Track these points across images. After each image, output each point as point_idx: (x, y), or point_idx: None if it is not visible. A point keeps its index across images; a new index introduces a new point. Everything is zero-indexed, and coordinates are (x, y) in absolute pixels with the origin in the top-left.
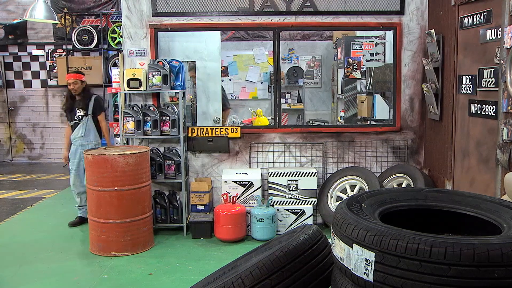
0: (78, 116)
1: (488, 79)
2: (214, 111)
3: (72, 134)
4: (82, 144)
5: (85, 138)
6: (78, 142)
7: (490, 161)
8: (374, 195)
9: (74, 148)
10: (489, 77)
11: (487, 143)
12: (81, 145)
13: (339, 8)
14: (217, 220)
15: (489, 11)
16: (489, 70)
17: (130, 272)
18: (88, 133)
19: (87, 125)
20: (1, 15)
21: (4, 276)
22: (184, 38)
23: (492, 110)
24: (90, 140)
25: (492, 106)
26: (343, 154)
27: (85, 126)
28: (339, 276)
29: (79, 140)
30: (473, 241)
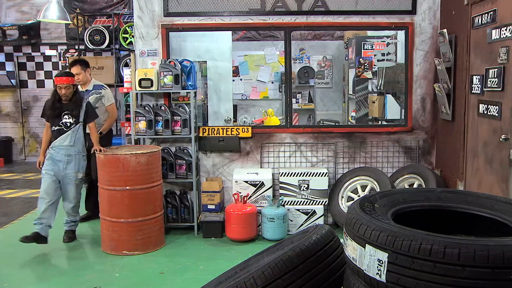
0: (66, 123)
1: (493, 79)
2: (225, 111)
3: (56, 141)
4: (68, 154)
5: (73, 148)
6: (63, 151)
7: (494, 162)
8: (386, 196)
9: (55, 155)
10: (493, 77)
11: (492, 143)
12: (67, 155)
13: (351, 8)
14: (228, 220)
15: (494, 11)
16: (494, 70)
17: (141, 271)
18: (77, 142)
19: (77, 134)
20: (16, 15)
21: (18, 274)
22: (196, 38)
23: (495, 111)
24: (78, 151)
25: (495, 107)
26: (354, 154)
27: (75, 135)
28: (351, 276)
29: (64, 149)
30: (487, 242)
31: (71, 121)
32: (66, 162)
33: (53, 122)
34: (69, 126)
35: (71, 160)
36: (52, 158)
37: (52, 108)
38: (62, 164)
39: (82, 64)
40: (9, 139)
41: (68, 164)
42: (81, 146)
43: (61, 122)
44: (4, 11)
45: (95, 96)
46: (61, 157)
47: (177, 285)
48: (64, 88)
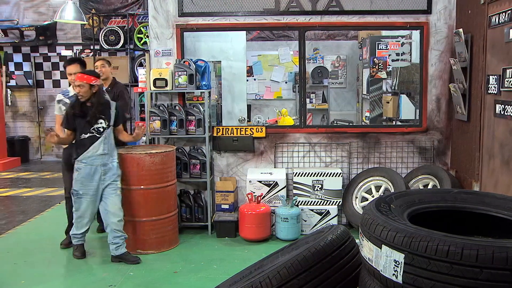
0: (99, 128)
1: (511, 79)
2: (239, 111)
3: (88, 151)
4: (104, 163)
5: (108, 156)
6: (98, 162)
7: (511, 163)
8: (402, 196)
9: (88, 170)
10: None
11: (509, 144)
12: (103, 164)
13: (365, 8)
14: (242, 220)
15: None
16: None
17: (155, 270)
18: (111, 149)
19: (109, 140)
20: (33, 16)
21: (34, 271)
22: (210, 38)
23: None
24: (114, 159)
25: None
26: (368, 155)
27: (107, 141)
28: (367, 277)
29: (99, 159)
30: (506, 244)
31: (104, 126)
32: (103, 173)
33: (83, 129)
34: (101, 132)
35: (108, 170)
36: (83, 175)
37: (80, 113)
38: (98, 176)
39: (81, 64)
40: (25, 138)
41: (106, 174)
42: (115, 152)
43: (92, 128)
44: (22, 13)
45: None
46: (96, 169)
47: (190, 284)
48: (77, 85)
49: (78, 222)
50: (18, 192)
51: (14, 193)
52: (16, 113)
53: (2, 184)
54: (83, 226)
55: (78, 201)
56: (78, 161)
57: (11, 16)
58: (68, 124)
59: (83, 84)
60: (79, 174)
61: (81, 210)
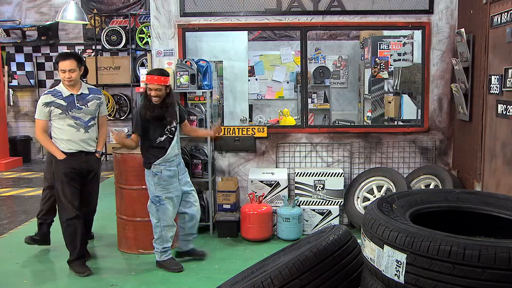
0: (171, 128)
1: None
2: (241, 111)
3: (168, 154)
4: (179, 163)
5: (179, 155)
6: (175, 163)
7: None
8: (404, 196)
9: (168, 173)
10: None
11: (511, 144)
12: (178, 164)
13: (367, 8)
14: (244, 220)
15: None
16: None
17: (157, 270)
18: (179, 146)
19: (179, 138)
20: (35, 17)
21: (36, 271)
22: (212, 38)
23: None
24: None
25: None
26: (370, 155)
27: (178, 140)
28: (369, 277)
29: (176, 160)
30: (508, 244)
31: (175, 125)
32: (180, 173)
33: (159, 132)
34: (174, 132)
35: (182, 169)
36: (165, 178)
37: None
38: (176, 177)
39: (77, 60)
40: (27, 138)
41: (182, 173)
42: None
43: (166, 130)
44: (24, 13)
45: (96, 102)
46: (174, 170)
47: (193, 284)
48: (156, 90)
49: (166, 231)
50: (20, 192)
51: (16, 193)
52: (18, 113)
53: (4, 184)
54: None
55: (162, 208)
56: (157, 165)
57: (13, 16)
58: (139, 128)
59: (161, 87)
60: (159, 178)
61: (166, 218)
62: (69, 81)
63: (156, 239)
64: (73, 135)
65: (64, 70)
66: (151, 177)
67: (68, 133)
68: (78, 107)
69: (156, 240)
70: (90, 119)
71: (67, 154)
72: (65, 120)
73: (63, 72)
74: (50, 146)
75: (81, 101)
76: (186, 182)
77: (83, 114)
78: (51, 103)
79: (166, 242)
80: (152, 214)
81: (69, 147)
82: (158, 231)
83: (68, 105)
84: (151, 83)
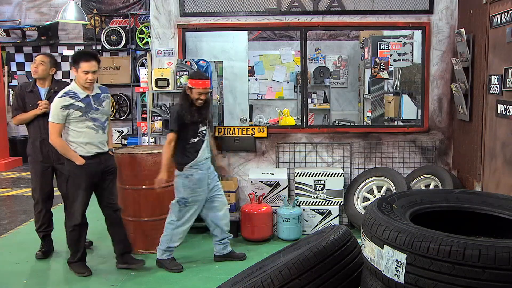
0: (203, 131)
1: None
2: (240, 111)
3: (199, 157)
4: (208, 166)
5: (209, 160)
6: (205, 166)
7: None
8: (404, 196)
9: (197, 176)
10: None
11: (511, 144)
12: (208, 168)
13: (367, 8)
14: (244, 220)
15: None
16: None
17: (157, 270)
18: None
19: (208, 142)
20: (35, 17)
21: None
22: (212, 38)
23: None
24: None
25: None
26: (370, 155)
27: (208, 144)
28: (368, 277)
29: (207, 163)
30: (508, 244)
31: (205, 128)
32: (209, 177)
33: (192, 134)
34: (205, 135)
35: (211, 172)
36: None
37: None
38: (205, 181)
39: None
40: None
41: (211, 176)
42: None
43: (199, 132)
44: (24, 13)
45: (107, 101)
46: (204, 174)
47: (192, 284)
48: (205, 93)
49: (178, 232)
50: (20, 192)
51: (16, 193)
52: None
53: (4, 184)
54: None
55: (184, 209)
56: (188, 168)
57: (13, 16)
58: (176, 126)
59: (208, 91)
60: (190, 181)
61: (185, 218)
62: (90, 83)
63: (164, 235)
64: (93, 137)
65: (87, 71)
66: (182, 179)
67: (88, 136)
68: (95, 108)
69: (164, 236)
70: (106, 119)
71: (85, 158)
72: (84, 123)
73: (86, 74)
74: (68, 151)
75: (96, 101)
76: (214, 186)
77: (100, 114)
78: (70, 105)
79: (172, 242)
80: (173, 212)
81: (88, 150)
82: (171, 228)
83: (86, 107)
84: (201, 87)
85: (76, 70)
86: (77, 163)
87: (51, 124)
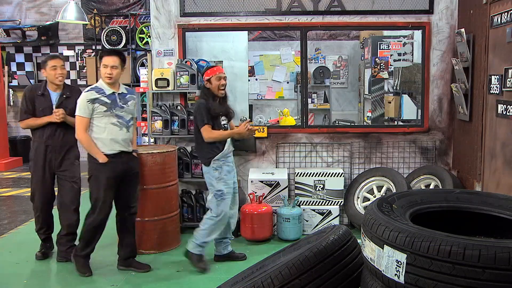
0: (225, 125)
1: None
2: (241, 111)
3: (226, 148)
4: (232, 160)
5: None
6: (231, 159)
7: None
8: (404, 196)
9: (227, 168)
10: None
11: (511, 144)
12: (232, 161)
13: (367, 8)
14: (244, 220)
15: None
16: None
17: (157, 270)
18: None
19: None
20: (35, 17)
21: (36, 272)
22: (212, 38)
23: None
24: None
25: None
26: (370, 155)
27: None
28: (369, 277)
29: (231, 156)
30: (508, 244)
31: (227, 121)
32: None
33: (217, 127)
34: (227, 128)
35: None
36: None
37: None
38: (233, 173)
39: (122, 59)
40: (27, 138)
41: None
42: None
43: (223, 125)
44: (24, 13)
45: (133, 102)
46: (231, 166)
47: (193, 284)
48: (223, 78)
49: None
50: (20, 192)
51: (16, 193)
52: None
53: (4, 184)
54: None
55: (223, 202)
56: (216, 160)
57: (13, 16)
58: (209, 119)
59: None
60: (220, 172)
61: (224, 211)
62: (109, 77)
63: (202, 230)
64: (116, 134)
65: (107, 65)
66: (212, 172)
67: (112, 132)
68: (120, 106)
69: (201, 231)
70: (130, 118)
71: (108, 156)
72: (109, 118)
73: (105, 67)
74: (93, 148)
75: (122, 100)
76: (235, 182)
77: (125, 112)
78: (96, 100)
79: (208, 236)
80: (212, 209)
81: (111, 148)
82: (211, 223)
83: (111, 103)
84: (217, 72)
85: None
86: (99, 160)
87: (78, 118)
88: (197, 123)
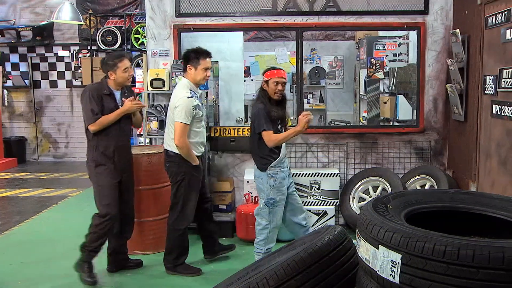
0: (279, 128)
1: (507, 80)
2: (236, 111)
3: (282, 153)
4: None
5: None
6: (286, 163)
7: (508, 163)
8: (399, 196)
9: (282, 174)
10: (508, 78)
11: (506, 144)
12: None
13: (362, 8)
14: (239, 220)
15: (509, 10)
16: (508, 70)
17: (152, 271)
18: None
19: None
20: (30, 17)
21: (30, 273)
22: (207, 39)
23: (510, 111)
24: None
25: (510, 108)
26: (365, 155)
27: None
28: (364, 277)
29: (287, 161)
30: (502, 244)
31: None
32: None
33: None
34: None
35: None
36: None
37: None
38: (287, 179)
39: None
40: (22, 139)
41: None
42: None
43: (279, 128)
44: (18, 13)
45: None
46: (287, 171)
47: (188, 285)
48: (282, 83)
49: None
50: (15, 192)
51: (11, 193)
52: (12, 114)
53: None
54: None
55: (274, 210)
56: (273, 167)
57: (8, 17)
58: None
59: (284, 80)
60: (275, 180)
61: (279, 218)
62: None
63: (260, 240)
64: (204, 136)
65: (207, 68)
66: (267, 180)
67: (203, 135)
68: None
69: (260, 241)
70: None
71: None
72: (201, 122)
73: (205, 70)
74: (191, 153)
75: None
76: (291, 185)
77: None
78: (197, 106)
79: (270, 243)
80: (263, 217)
81: (200, 150)
82: (266, 232)
83: (202, 106)
84: (277, 76)
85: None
86: (194, 163)
87: (181, 125)
88: (254, 128)
